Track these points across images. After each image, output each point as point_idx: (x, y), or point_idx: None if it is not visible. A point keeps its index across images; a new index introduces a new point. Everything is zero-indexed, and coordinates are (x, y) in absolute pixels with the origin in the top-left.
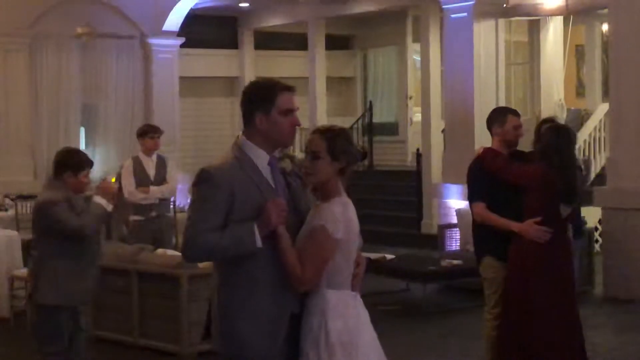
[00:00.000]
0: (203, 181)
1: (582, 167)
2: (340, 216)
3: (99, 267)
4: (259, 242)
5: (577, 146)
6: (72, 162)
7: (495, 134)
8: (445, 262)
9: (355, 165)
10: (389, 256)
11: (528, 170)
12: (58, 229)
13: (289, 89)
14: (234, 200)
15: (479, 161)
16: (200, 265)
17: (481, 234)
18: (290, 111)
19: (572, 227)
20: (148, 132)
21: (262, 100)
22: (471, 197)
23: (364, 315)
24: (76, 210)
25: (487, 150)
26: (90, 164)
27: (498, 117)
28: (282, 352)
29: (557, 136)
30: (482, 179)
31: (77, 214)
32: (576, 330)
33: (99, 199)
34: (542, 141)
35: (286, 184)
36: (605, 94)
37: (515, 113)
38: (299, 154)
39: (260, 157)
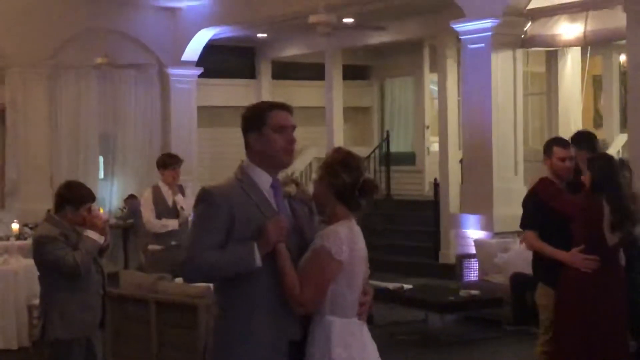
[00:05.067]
0: (202, 200)
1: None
2: (345, 238)
3: (109, 295)
4: (258, 261)
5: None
6: (73, 197)
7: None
8: (463, 293)
9: (356, 195)
10: (407, 286)
11: (572, 200)
12: (55, 266)
13: (283, 107)
14: (234, 220)
15: (534, 190)
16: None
17: (536, 261)
18: (283, 127)
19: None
20: (170, 165)
21: (254, 119)
22: (524, 225)
23: (370, 346)
24: (73, 244)
25: (541, 180)
26: (92, 198)
27: (546, 148)
28: None
29: (605, 163)
30: (536, 208)
31: (73, 248)
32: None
33: (89, 233)
34: (590, 170)
35: (291, 209)
36: (623, 125)
37: (562, 144)
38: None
39: (263, 180)
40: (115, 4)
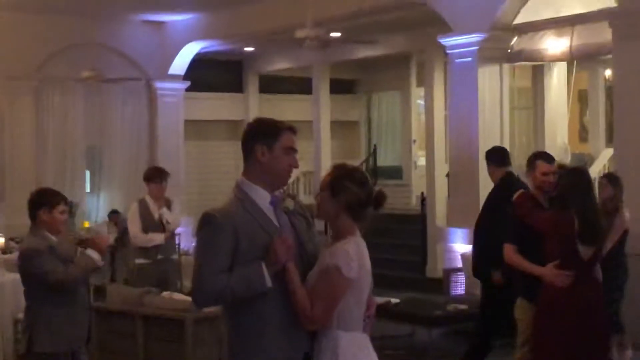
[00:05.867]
0: (206, 224)
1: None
2: (354, 255)
3: (95, 309)
4: (268, 282)
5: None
6: (46, 199)
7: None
8: (450, 307)
9: (364, 208)
10: (394, 300)
11: (544, 215)
12: (42, 280)
13: (293, 130)
14: (238, 242)
15: (513, 203)
16: (206, 308)
17: (515, 275)
18: (291, 150)
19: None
20: (155, 178)
21: (266, 134)
22: (505, 239)
23: (374, 357)
24: (60, 257)
25: (520, 195)
26: (65, 200)
27: (530, 161)
28: None
29: (575, 178)
30: (515, 222)
31: (62, 261)
32: None
33: (91, 252)
34: (560, 184)
35: (291, 224)
36: (609, 139)
37: (546, 159)
38: (304, 198)
39: (262, 197)
40: (102, 18)
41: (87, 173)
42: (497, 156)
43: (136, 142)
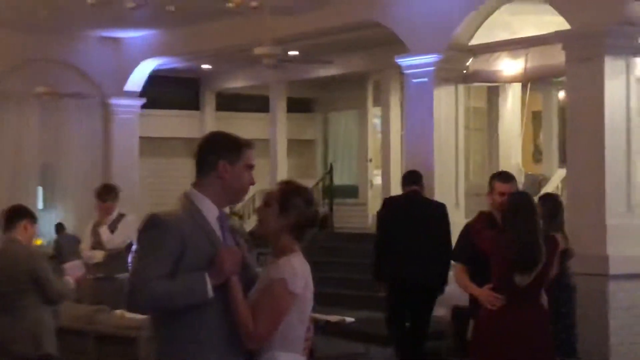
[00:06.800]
0: (152, 227)
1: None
2: (299, 270)
3: None
4: (210, 292)
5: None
6: (30, 212)
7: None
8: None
9: (309, 228)
10: (349, 319)
11: (488, 235)
12: (42, 285)
13: (252, 146)
14: (184, 249)
15: (469, 223)
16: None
17: (469, 297)
18: (251, 167)
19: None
20: (99, 196)
21: (229, 149)
22: (454, 257)
23: None
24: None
25: (478, 214)
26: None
27: (490, 181)
28: None
29: (515, 202)
30: (467, 242)
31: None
32: None
33: (71, 280)
34: (505, 207)
35: (235, 242)
36: (562, 160)
37: (504, 179)
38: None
39: (210, 211)
40: (58, 34)
41: (40, 189)
42: (404, 178)
43: (91, 159)
